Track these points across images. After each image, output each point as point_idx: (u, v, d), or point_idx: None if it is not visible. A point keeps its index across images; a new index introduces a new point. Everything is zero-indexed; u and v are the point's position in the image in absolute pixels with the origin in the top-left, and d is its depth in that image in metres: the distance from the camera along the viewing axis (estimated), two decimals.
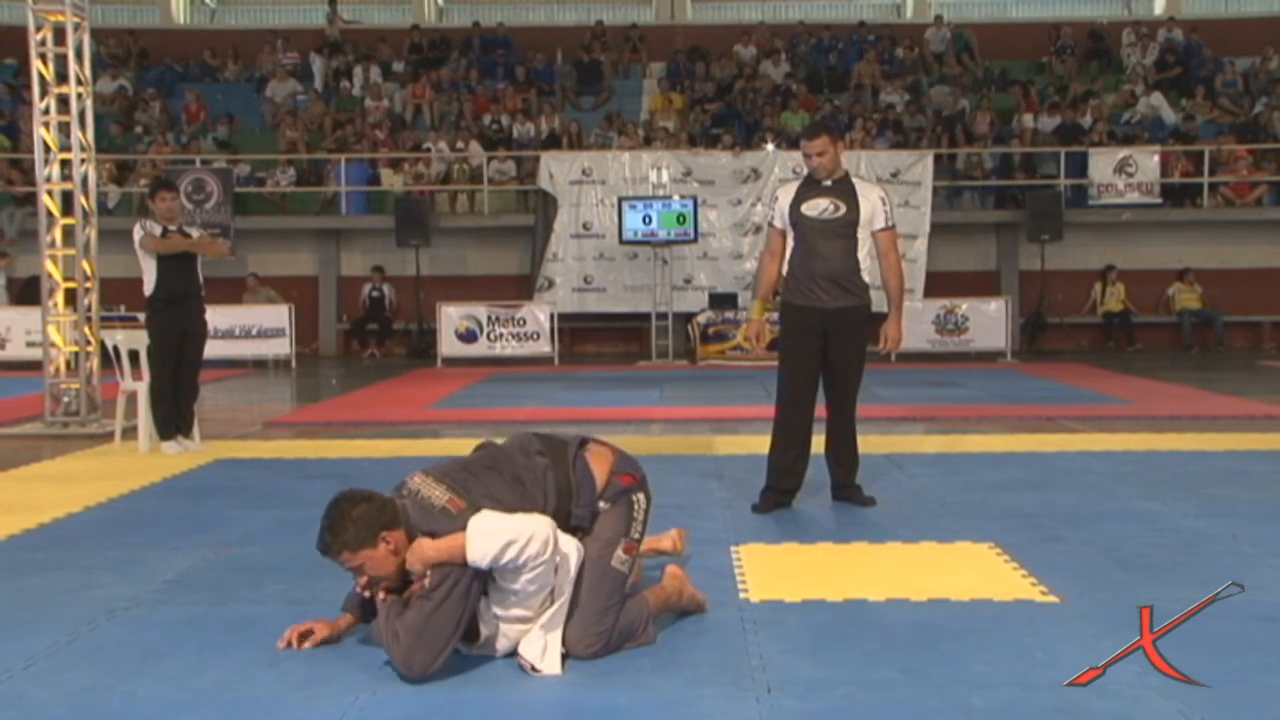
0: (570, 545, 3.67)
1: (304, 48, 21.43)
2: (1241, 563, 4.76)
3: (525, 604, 3.55)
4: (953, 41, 21.14)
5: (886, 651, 3.69)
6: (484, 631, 3.58)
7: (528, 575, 3.47)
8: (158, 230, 7.98)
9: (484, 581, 3.51)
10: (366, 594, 3.59)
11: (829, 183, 5.85)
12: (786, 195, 5.98)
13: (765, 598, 4.31)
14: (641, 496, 3.90)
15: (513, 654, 3.59)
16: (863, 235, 5.87)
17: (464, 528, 3.45)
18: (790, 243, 5.96)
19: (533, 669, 3.50)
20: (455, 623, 3.44)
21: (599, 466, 3.86)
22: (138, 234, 7.99)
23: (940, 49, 21.09)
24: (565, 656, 3.57)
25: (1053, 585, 4.41)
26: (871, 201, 5.86)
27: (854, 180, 5.94)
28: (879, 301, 6.21)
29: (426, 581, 3.45)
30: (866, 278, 5.97)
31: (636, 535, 3.84)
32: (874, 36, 21.52)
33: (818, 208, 5.82)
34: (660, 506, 5.84)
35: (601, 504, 3.82)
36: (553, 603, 3.59)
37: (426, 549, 3.46)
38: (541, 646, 3.53)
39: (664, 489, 6.51)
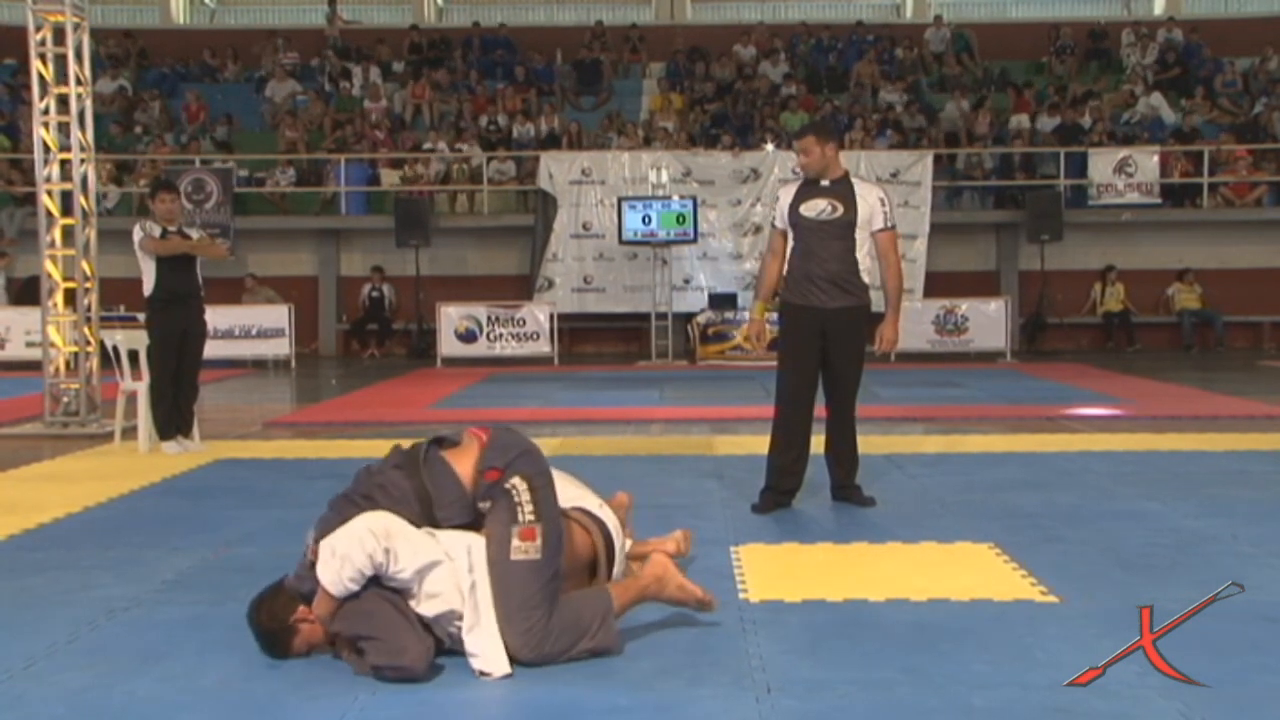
0: (452, 534, 3.62)
1: (304, 48, 21.43)
2: (1241, 563, 4.76)
3: (430, 598, 3.51)
4: (953, 41, 21.15)
5: (886, 651, 3.69)
6: (439, 635, 3.56)
7: (394, 568, 3.46)
8: (157, 231, 7.98)
9: (383, 589, 3.52)
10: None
11: (827, 183, 5.86)
12: (787, 195, 5.99)
13: (765, 598, 4.31)
14: (517, 481, 3.67)
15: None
16: (862, 236, 5.88)
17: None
18: (790, 243, 5.96)
19: (480, 674, 3.48)
20: (387, 626, 3.45)
21: (462, 464, 3.74)
22: (137, 235, 7.99)
23: (940, 49, 21.09)
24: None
25: (1053, 585, 4.41)
26: (870, 203, 5.86)
27: (854, 181, 5.94)
28: (879, 301, 6.20)
29: (344, 629, 3.51)
30: (866, 278, 5.98)
31: (530, 517, 3.60)
32: (873, 36, 21.52)
33: (816, 208, 5.82)
34: (661, 506, 5.87)
35: (481, 503, 3.69)
36: (471, 593, 3.52)
37: (316, 609, 3.56)
38: (482, 646, 3.50)
39: (664, 489, 6.54)
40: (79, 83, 9.34)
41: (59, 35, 9.44)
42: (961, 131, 18.68)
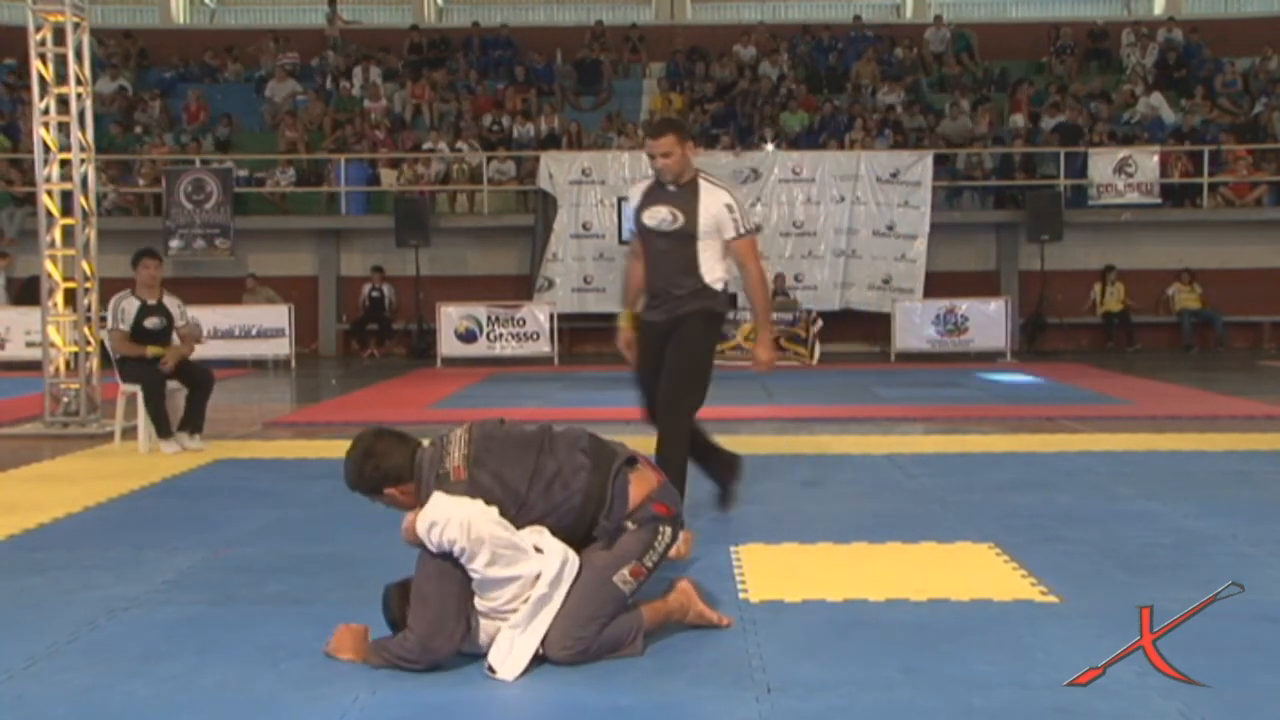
0: (556, 550, 3.61)
1: (304, 48, 21.44)
2: (1241, 563, 4.75)
3: (487, 594, 3.53)
4: (953, 41, 21.15)
5: (886, 651, 3.69)
6: (470, 622, 3.58)
7: (475, 564, 3.47)
8: (131, 314, 7.98)
9: (457, 564, 3.52)
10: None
11: (673, 188, 5.28)
12: (634, 198, 5.45)
13: (765, 598, 4.31)
14: (669, 529, 3.83)
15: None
16: (712, 244, 5.28)
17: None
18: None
19: (490, 670, 3.49)
20: (441, 598, 3.48)
21: (637, 488, 3.81)
22: (109, 320, 8.02)
23: (940, 49, 21.09)
24: (541, 658, 3.54)
25: (1053, 585, 4.41)
26: (714, 212, 5.22)
27: (702, 183, 5.28)
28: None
29: (415, 570, 3.58)
30: (719, 286, 5.37)
31: (650, 564, 3.77)
32: (873, 35, 21.53)
33: (657, 216, 5.28)
34: None
35: (629, 524, 3.76)
36: (527, 602, 3.54)
37: (409, 524, 3.59)
38: (507, 649, 3.51)
39: None
40: (79, 83, 9.34)
41: (59, 35, 9.44)
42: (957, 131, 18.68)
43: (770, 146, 17.84)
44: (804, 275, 17.09)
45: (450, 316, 16.00)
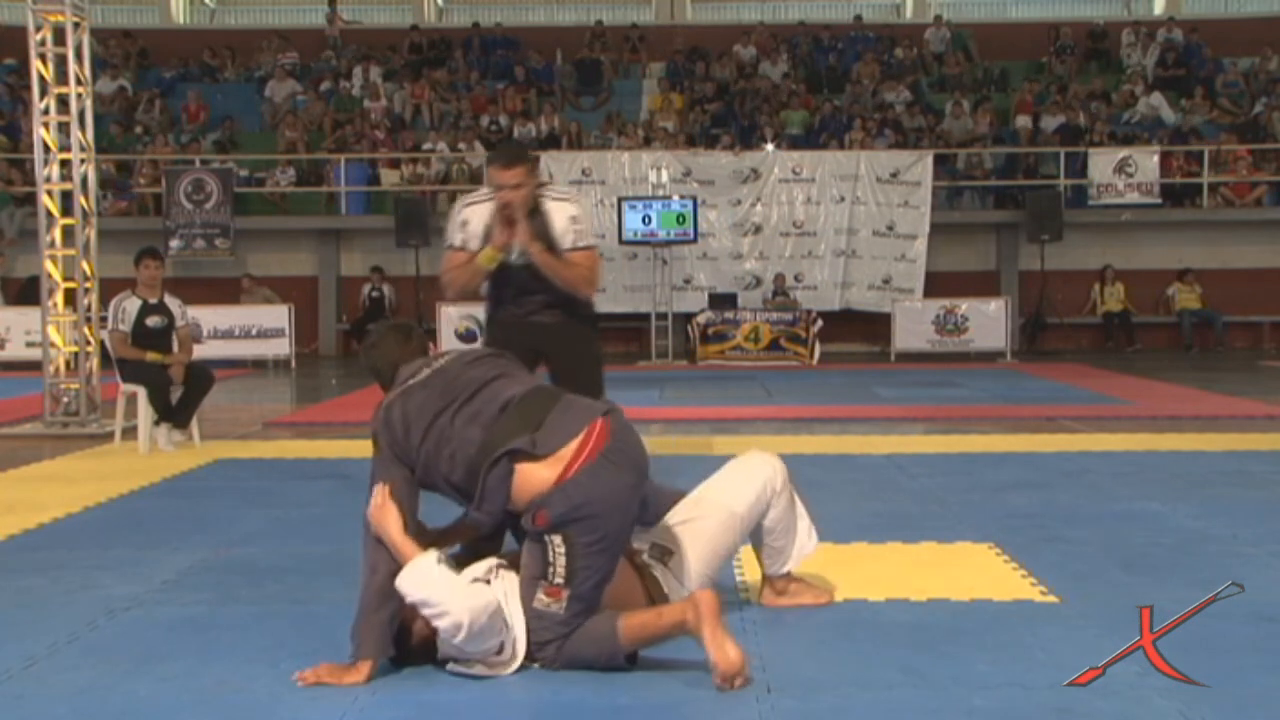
0: (504, 585, 3.47)
1: (304, 48, 21.43)
2: (1241, 563, 4.75)
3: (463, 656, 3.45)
4: (953, 41, 21.15)
5: (886, 651, 3.69)
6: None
7: (456, 639, 3.35)
8: (132, 313, 8.00)
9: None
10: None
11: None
12: (479, 221, 5.20)
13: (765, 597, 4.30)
14: (558, 540, 3.37)
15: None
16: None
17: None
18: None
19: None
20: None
21: (525, 485, 3.41)
22: (109, 320, 8.05)
23: (940, 49, 21.09)
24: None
25: (1053, 585, 4.40)
26: (560, 227, 5.17)
27: (545, 203, 5.19)
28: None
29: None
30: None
31: (558, 580, 3.38)
32: (874, 36, 21.52)
33: (514, 250, 5.13)
34: None
35: (524, 522, 3.44)
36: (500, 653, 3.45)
37: (374, 514, 3.46)
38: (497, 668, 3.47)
39: None
40: (79, 83, 9.33)
41: (59, 35, 9.43)
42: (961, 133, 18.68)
43: (770, 146, 17.83)
44: (804, 275, 17.09)
45: (450, 317, 15.99)
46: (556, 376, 5.16)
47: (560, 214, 5.22)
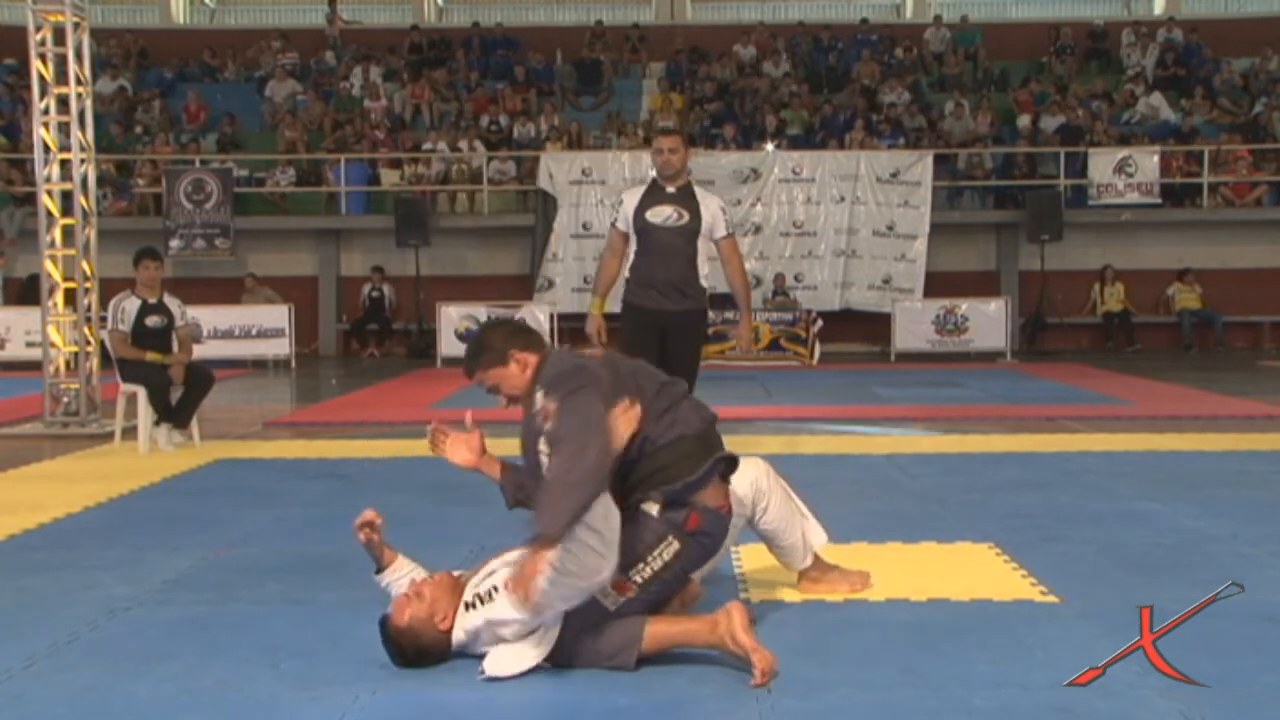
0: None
1: (304, 48, 21.43)
2: (1241, 563, 4.75)
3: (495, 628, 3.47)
4: (953, 43, 21.16)
5: (886, 651, 3.69)
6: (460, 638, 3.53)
7: (503, 632, 3.43)
8: (132, 313, 8.00)
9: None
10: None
11: (673, 190, 6.09)
12: (632, 199, 6.19)
13: (765, 598, 4.30)
14: (676, 544, 3.53)
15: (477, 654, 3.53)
16: (703, 244, 6.12)
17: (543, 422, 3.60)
18: (632, 245, 6.16)
19: (483, 671, 3.45)
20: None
21: (711, 492, 3.67)
22: (109, 320, 8.05)
23: (940, 49, 21.10)
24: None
25: (1053, 585, 4.40)
26: (712, 211, 6.14)
27: (695, 189, 6.18)
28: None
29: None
30: (705, 283, 6.21)
31: (639, 579, 3.50)
32: (875, 36, 21.53)
33: (662, 214, 6.04)
34: None
35: (650, 509, 3.57)
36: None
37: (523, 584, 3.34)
38: (501, 654, 3.46)
39: None
40: (79, 83, 9.33)
41: (59, 35, 9.43)
42: (961, 134, 18.68)
43: (770, 146, 17.83)
44: (804, 275, 17.09)
45: (450, 316, 15.99)
46: (670, 360, 5.81)
47: (710, 204, 6.13)
